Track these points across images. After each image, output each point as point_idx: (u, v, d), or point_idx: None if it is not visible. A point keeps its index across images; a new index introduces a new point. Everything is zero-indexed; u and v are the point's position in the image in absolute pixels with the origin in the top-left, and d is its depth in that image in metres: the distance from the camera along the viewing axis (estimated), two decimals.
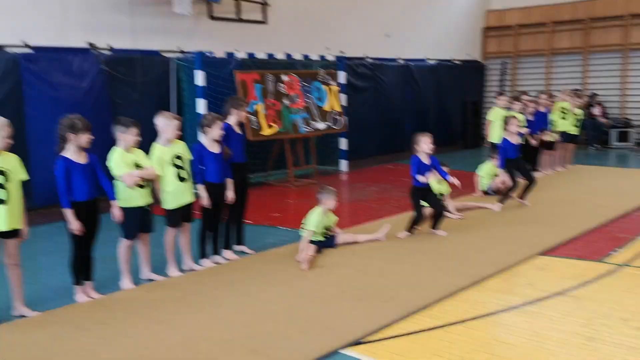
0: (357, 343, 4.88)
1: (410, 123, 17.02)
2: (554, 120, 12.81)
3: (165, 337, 5.03)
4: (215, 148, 6.90)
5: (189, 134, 11.33)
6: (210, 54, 11.73)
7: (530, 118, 11.93)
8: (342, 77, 14.28)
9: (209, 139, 6.88)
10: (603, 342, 4.77)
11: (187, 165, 6.67)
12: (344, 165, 14.58)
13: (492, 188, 10.59)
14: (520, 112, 11.73)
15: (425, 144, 7.89)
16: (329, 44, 15.21)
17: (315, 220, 7.25)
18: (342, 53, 15.16)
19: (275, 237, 8.36)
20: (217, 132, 6.84)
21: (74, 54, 10.63)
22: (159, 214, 6.67)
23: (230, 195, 7.05)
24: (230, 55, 12.21)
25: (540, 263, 6.94)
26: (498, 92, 13.02)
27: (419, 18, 18.24)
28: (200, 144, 6.91)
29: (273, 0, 13.92)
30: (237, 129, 7.41)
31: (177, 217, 6.67)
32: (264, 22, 13.82)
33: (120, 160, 6.09)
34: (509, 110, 12.02)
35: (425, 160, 7.91)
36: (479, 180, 10.77)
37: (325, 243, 7.46)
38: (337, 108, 13.82)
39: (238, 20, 13.31)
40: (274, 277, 6.50)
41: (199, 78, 11.36)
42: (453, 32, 19.61)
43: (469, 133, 19.19)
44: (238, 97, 7.59)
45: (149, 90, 11.50)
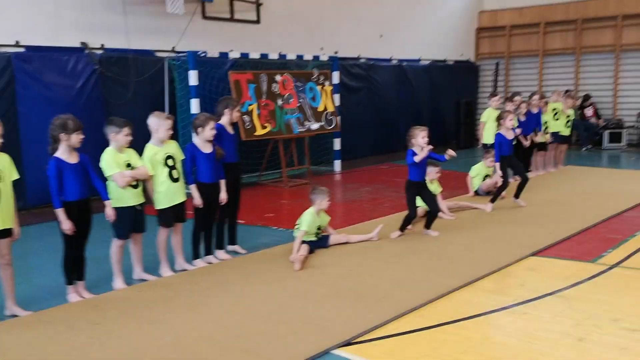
0: (348, 343, 4.88)
1: (404, 123, 16.95)
2: (546, 121, 12.84)
3: (157, 337, 5.03)
4: (208, 148, 6.90)
5: (183, 134, 11.36)
6: (204, 54, 11.73)
7: (523, 119, 11.95)
8: (335, 77, 14.29)
9: (202, 139, 6.88)
10: (593, 342, 4.79)
11: (179, 165, 6.68)
12: (338, 166, 14.59)
13: (482, 189, 10.63)
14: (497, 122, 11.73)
15: (422, 138, 7.85)
16: (323, 44, 15.25)
17: (308, 221, 7.26)
18: (336, 53, 15.20)
19: (269, 237, 8.36)
20: (209, 132, 6.84)
21: (68, 54, 10.63)
22: (152, 214, 6.68)
23: (223, 196, 7.06)
24: (224, 55, 12.21)
25: (532, 264, 6.96)
26: (491, 93, 13.04)
27: (413, 18, 18.27)
28: (193, 144, 6.91)
29: (267, 0, 13.92)
30: (229, 129, 7.41)
31: (169, 217, 6.67)
32: (258, 21, 13.83)
33: (112, 160, 6.09)
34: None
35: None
36: (471, 181, 10.80)
37: (318, 243, 7.47)
38: (330, 108, 13.83)
39: (231, 20, 13.32)
40: (267, 277, 6.51)
41: (192, 78, 11.35)
42: (446, 32, 19.65)
43: (463, 133, 19.24)
44: (230, 97, 7.60)
45: (143, 90, 11.50)
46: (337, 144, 14.50)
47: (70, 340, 5.01)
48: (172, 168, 6.56)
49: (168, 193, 6.57)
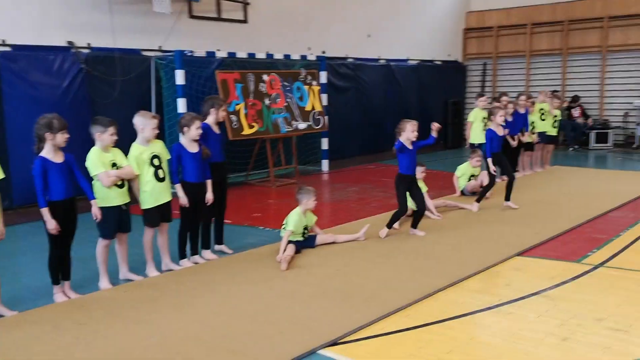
0: (335, 343, 4.89)
1: (392, 123, 16.92)
2: (533, 122, 12.89)
3: (143, 337, 5.02)
4: (194, 148, 6.89)
5: (170, 134, 11.34)
6: (191, 53, 11.71)
7: (510, 119, 12.00)
8: (323, 77, 14.30)
9: (188, 139, 6.87)
10: (577, 342, 4.81)
11: (165, 165, 6.66)
12: (325, 165, 14.61)
13: (467, 189, 10.67)
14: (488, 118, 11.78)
15: (411, 131, 7.83)
16: (311, 44, 15.25)
17: (294, 220, 7.27)
18: (323, 53, 15.20)
19: (256, 237, 8.36)
20: (195, 131, 6.83)
21: (54, 53, 10.59)
22: (137, 214, 6.66)
23: (209, 196, 7.06)
24: (211, 55, 12.20)
25: (518, 263, 6.99)
26: (478, 93, 13.09)
27: (401, 18, 18.30)
28: (179, 144, 6.89)
29: (254, 0, 13.91)
30: (215, 129, 7.40)
31: (155, 216, 6.65)
32: (245, 21, 13.82)
33: (97, 160, 6.08)
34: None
35: (409, 147, 7.88)
36: (457, 181, 10.84)
37: (305, 243, 7.47)
38: (318, 108, 13.84)
39: (219, 20, 13.30)
40: (253, 277, 6.51)
41: (179, 77, 11.34)
42: (434, 32, 19.70)
43: (450, 133, 19.29)
44: (216, 96, 7.59)
45: (129, 89, 11.46)
46: (324, 144, 14.52)
47: (56, 341, 5.00)
48: (157, 167, 6.55)
49: (154, 193, 6.55)
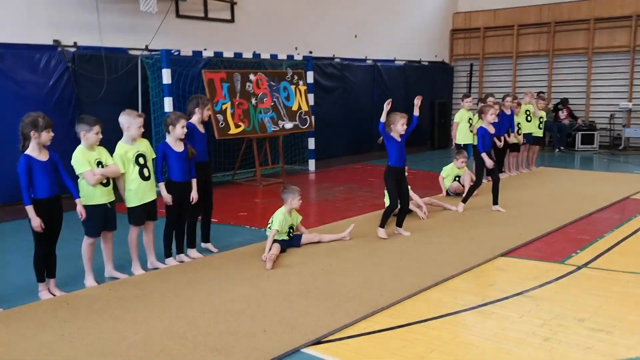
0: (318, 342, 4.92)
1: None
2: (519, 123, 12.96)
3: (127, 334, 5.02)
4: (180, 147, 6.89)
5: (156, 133, 11.34)
6: (177, 53, 11.69)
7: (496, 120, 12.03)
8: (310, 76, 14.32)
9: (173, 138, 6.87)
10: (559, 342, 4.85)
11: (150, 164, 6.66)
12: (312, 165, 14.63)
13: (450, 190, 10.73)
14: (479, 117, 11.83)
15: (401, 125, 7.84)
16: (298, 44, 15.26)
17: (279, 220, 7.28)
18: (310, 53, 15.22)
19: (242, 236, 8.37)
20: (180, 130, 6.83)
21: (40, 51, 10.52)
22: (123, 212, 6.66)
23: (194, 195, 7.06)
24: (198, 54, 12.18)
25: (502, 264, 7.04)
26: (464, 94, 13.14)
27: (388, 19, 18.33)
28: (165, 143, 6.90)
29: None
30: (200, 128, 7.40)
31: (140, 215, 6.65)
32: (232, 21, 13.80)
33: (83, 158, 6.07)
34: (475, 113, 12.16)
35: (398, 139, 7.90)
36: (442, 181, 10.88)
37: (290, 242, 7.49)
38: (304, 108, 13.86)
39: (205, 19, 13.27)
40: (238, 276, 6.52)
41: (166, 76, 11.33)
42: (421, 33, 19.75)
43: (437, 134, 19.36)
44: (201, 95, 7.59)
45: (116, 88, 11.42)
46: (311, 144, 14.55)
47: (41, 338, 4.99)
48: (143, 166, 6.55)
49: (139, 191, 6.55)
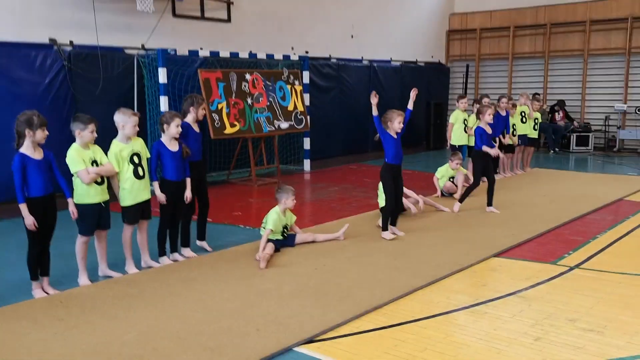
0: (310, 341, 4.94)
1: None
2: (514, 124, 13.00)
3: (121, 333, 5.04)
4: (174, 146, 6.91)
5: (152, 132, 11.36)
6: (173, 52, 11.71)
7: (491, 122, 12.06)
8: (305, 76, 14.34)
9: (168, 137, 6.89)
10: (549, 342, 4.88)
11: (145, 163, 6.68)
12: (307, 165, 14.65)
13: (444, 190, 10.76)
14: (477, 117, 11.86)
15: (397, 123, 7.84)
16: (294, 44, 15.30)
17: (273, 219, 7.30)
18: (306, 53, 15.25)
19: (236, 235, 8.38)
20: (174, 129, 6.84)
21: (36, 50, 10.54)
22: (117, 211, 6.67)
23: (188, 194, 7.09)
24: (194, 53, 12.20)
25: (495, 264, 7.07)
26: (459, 95, 13.17)
27: (384, 19, 18.37)
28: (160, 142, 6.91)
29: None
30: (195, 127, 7.42)
31: (134, 214, 6.67)
32: (229, 20, 13.83)
33: (77, 157, 6.09)
34: (470, 114, 12.21)
35: (394, 136, 7.90)
36: (437, 182, 10.91)
37: (284, 242, 7.51)
38: (300, 108, 13.88)
39: (202, 19, 13.30)
40: (232, 275, 6.54)
41: (162, 75, 11.34)
42: (418, 34, 19.80)
43: (433, 134, 19.40)
44: (196, 95, 7.62)
45: (112, 87, 11.44)
46: (306, 144, 14.57)
47: (34, 336, 5.00)
48: (137, 165, 6.57)
49: (133, 190, 6.57)
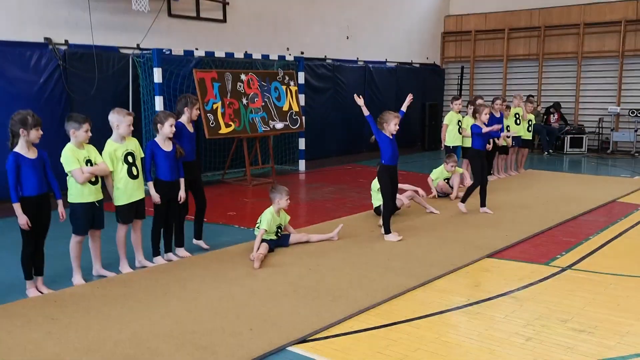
0: (304, 340, 4.97)
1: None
2: (508, 125, 13.03)
3: (114, 332, 5.05)
4: (168, 146, 6.93)
5: (147, 131, 11.37)
6: (169, 52, 11.72)
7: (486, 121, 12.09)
8: (301, 77, 14.36)
9: (162, 137, 6.91)
10: (541, 342, 4.92)
11: (139, 162, 6.70)
12: (302, 165, 14.67)
13: (437, 189, 10.79)
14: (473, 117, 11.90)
15: (394, 125, 7.82)
16: (289, 45, 15.32)
17: (267, 219, 7.32)
18: (302, 54, 15.27)
19: (231, 235, 8.40)
20: (168, 129, 6.86)
21: (31, 49, 10.54)
22: (111, 211, 6.69)
23: (182, 194, 7.11)
24: (189, 53, 12.21)
25: (488, 265, 7.10)
26: (453, 96, 13.21)
27: (380, 21, 18.41)
28: (153, 142, 6.94)
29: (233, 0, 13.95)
30: (189, 127, 7.44)
31: (127, 213, 6.69)
32: (224, 20, 13.84)
33: (72, 156, 6.10)
34: (465, 115, 12.26)
35: (389, 136, 7.88)
36: (432, 183, 10.93)
37: (278, 242, 7.53)
38: (295, 108, 13.90)
39: (197, 19, 13.31)
40: (226, 275, 6.55)
41: (157, 75, 11.35)
42: (413, 35, 19.84)
43: (427, 136, 19.44)
44: (190, 95, 7.63)
45: (107, 86, 11.46)
46: (301, 144, 14.59)
47: (28, 335, 5.02)
48: (131, 165, 6.58)
49: (127, 190, 6.59)
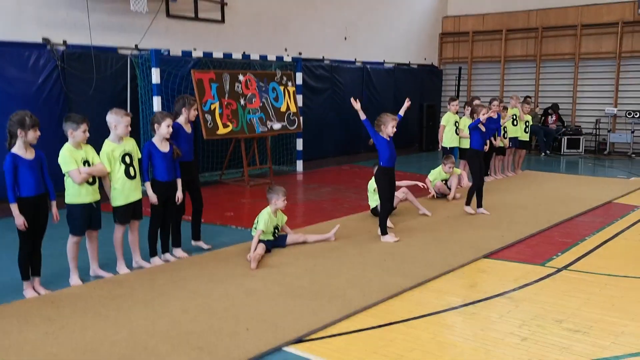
0: (300, 340, 4.99)
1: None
2: (505, 126, 13.06)
3: (111, 332, 5.07)
4: (165, 147, 6.95)
5: (145, 132, 11.39)
6: (167, 52, 11.73)
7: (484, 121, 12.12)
8: (299, 78, 14.39)
9: (159, 137, 6.93)
10: (536, 342, 4.94)
11: (136, 163, 6.71)
12: (300, 166, 14.70)
13: (435, 189, 10.81)
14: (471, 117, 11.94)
15: (391, 127, 7.79)
16: (288, 45, 15.33)
17: (264, 220, 7.34)
18: (300, 54, 15.29)
19: (228, 236, 8.42)
20: (165, 129, 6.88)
21: (29, 49, 10.54)
22: (108, 211, 6.70)
23: (179, 195, 7.13)
24: (187, 54, 12.23)
25: (484, 265, 7.13)
26: (451, 97, 13.25)
27: (378, 21, 18.43)
28: (151, 142, 6.96)
29: (231, 0, 13.95)
30: (187, 128, 7.47)
31: (125, 214, 6.70)
32: (222, 21, 13.85)
33: (69, 157, 6.12)
34: (462, 116, 12.29)
35: (387, 138, 7.87)
36: (430, 184, 10.96)
37: (275, 242, 7.55)
38: (293, 109, 13.92)
39: (196, 19, 13.32)
40: (223, 275, 6.57)
41: (155, 76, 11.37)
42: (411, 36, 19.87)
43: (425, 136, 19.47)
44: (187, 95, 7.65)
45: (105, 87, 11.46)
46: (299, 145, 14.61)
47: (24, 335, 5.03)
48: (129, 165, 6.60)
49: (124, 190, 6.60)
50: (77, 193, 6.20)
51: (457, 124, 12.24)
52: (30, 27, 10.66)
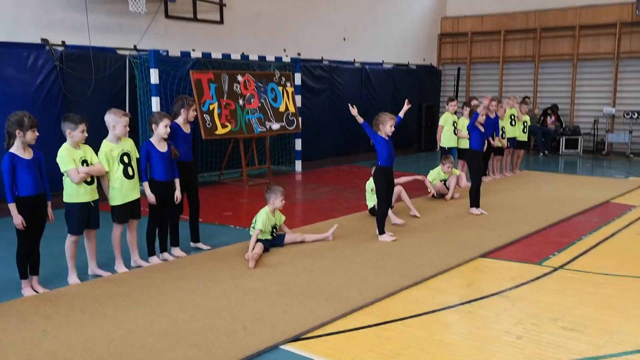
0: (297, 339, 5.02)
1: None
2: (503, 127, 13.08)
3: (109, 331, 5.10)
4: (163, 147, 6.98)
5: (144, 132, 11.41)
6: (165, 53, 11.76)
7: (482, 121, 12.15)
8: (297, 78, 14.41)
9: (157, 137, 6.96)
10: (531, 340, 4.97)
11: (134, 163, 6.74)
12: (299, 166, 14.72)
13: (434, 189, 10.83)
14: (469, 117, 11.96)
15: (389, 126, 7.80)
16: (286, 46, 15.36)
17: (262, 219, 7.37)
18: (298, 55, 15.32)
19: (227, 235, 8.45)
20: (163, 129, 6.91)
21: (28, 50, 10.56)
22: (106, 211, 6.73)
23: (178, 195, 7.16)
24: (186, 55, 12.25)
25: (480, 265, 7.16)
26: (449, 97, 13.28)
27: (376, 22, 18.46)
28: (149, 142, 6.99)
29: (230, 1, 13.98)
30: (185, 129, 7.49)
31: (123, 213, 6.73)
32: (221, 22, 13.88)
33: (68, 156, 6.15)
34: (460, 116, 12.31)
35: (385, 137, 7.86)
36: (429, 184, 10.98)
37: (273, 242, 7.58)
38: (292, 109, 13.95)
39: (194, 20, 13.34)
40: (221, 274, 6.60)
41: (153, 76, 11.39)
42: (409, 37, 19.90)
43: (424, 137, 19.49)
44: (186, 96, 7.68)
45: (103, 87, 11.48)
46: (298, 145, 14.64)
47: (23, 333, 5.06)
48: (127, 165, 6.63)
49: (122, 190, 6.63)
50: (75, 192, 6.22)
51: (455, 125, 12.26)
52: (29, 27, 10.68)
